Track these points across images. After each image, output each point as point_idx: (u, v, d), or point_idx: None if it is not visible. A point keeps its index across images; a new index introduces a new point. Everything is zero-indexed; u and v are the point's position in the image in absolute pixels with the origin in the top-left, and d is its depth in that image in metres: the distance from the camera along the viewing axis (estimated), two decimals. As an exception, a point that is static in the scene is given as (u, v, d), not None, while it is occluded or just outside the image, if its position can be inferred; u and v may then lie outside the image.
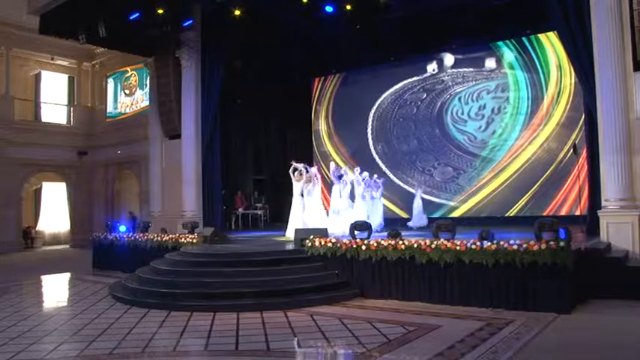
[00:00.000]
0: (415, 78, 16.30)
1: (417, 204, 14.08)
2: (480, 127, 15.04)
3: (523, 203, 13.98)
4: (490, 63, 15.03)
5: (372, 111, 17.07)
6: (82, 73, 21.73)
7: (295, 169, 11.58)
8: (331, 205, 11.56)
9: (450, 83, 15.70)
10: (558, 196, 13.46)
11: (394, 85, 16.59)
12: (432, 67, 16.03)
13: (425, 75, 16.12)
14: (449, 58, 15.74)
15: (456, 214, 14.96)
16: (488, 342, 5.57)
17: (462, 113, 15.41)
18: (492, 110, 14.91)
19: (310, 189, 11.35)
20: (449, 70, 15.76)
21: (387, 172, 16.27)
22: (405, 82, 16.44)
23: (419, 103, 16.24)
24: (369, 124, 17.14)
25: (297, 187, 11.43)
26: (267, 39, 14.83)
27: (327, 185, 14.16)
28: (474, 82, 15.29)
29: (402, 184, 16.15)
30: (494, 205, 14.46)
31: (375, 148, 17.07)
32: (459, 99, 15.50)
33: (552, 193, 13.55)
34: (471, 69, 15.35)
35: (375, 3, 12.32)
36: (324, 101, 17.95)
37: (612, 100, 8.77)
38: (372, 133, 17.10)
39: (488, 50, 14.96)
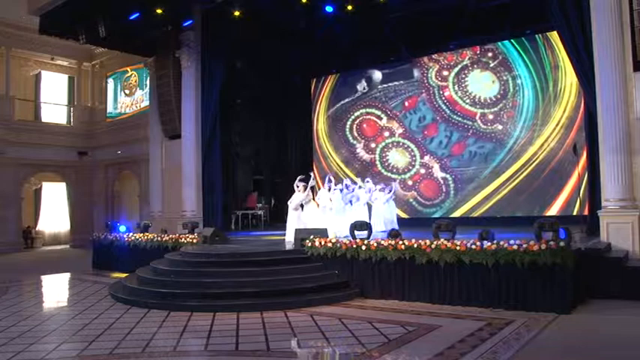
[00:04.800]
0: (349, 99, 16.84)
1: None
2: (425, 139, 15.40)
3: (523, 203, 13.96)
4: (418, 73, 15.53)
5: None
6: (82, 73, 21.73)
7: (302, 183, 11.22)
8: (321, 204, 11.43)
9: (383, 99, 16.11)
10: (558, 197, 13.44)
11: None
12: (361, 86, 16.44)
13: (357, 94, 16.66)
14: (377, 75, 16.15)
15: (456, 214, 14.94)
16: (489, 342, 5.57)
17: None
18: (433, 119, 15.30)
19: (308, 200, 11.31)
20: (379, 87, 16.18)
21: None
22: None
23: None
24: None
25: (297, 198, 11.25)
26: (267, 39, 14.83)
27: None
28: (406, 95, 15.75)
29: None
30: (495, 205, 14.43)
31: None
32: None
33: (552, 194, 13.52)
34: (401, 81, 15.83)
35: (375, 2, 12.32)
36: (324, 101, 17.93)
37: (612, 100, 8.77)
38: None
39: (414, 61, 15.48)
